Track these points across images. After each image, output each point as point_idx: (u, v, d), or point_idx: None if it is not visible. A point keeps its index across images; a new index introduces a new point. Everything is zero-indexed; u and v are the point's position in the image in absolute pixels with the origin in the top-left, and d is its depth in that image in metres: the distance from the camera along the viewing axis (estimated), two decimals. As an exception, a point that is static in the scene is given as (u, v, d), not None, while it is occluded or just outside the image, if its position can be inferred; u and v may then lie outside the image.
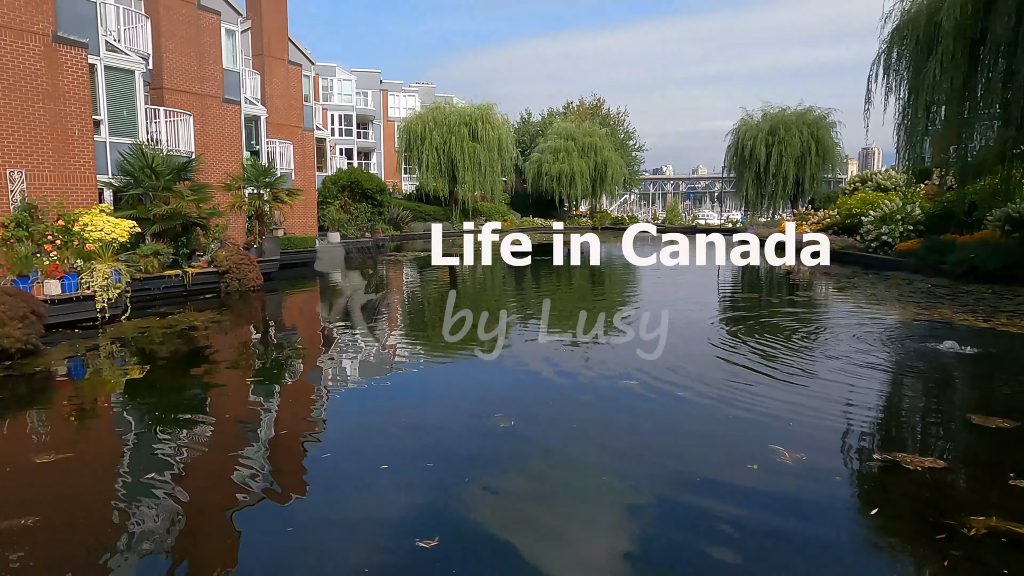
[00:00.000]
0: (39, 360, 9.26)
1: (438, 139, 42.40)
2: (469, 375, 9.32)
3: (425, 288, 19.66)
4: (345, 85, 47.08)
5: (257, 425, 6.97)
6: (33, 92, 13.25)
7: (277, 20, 25.68)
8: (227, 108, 20.87)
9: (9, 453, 6.16)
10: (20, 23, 13.02)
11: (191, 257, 16.23)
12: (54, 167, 13.65)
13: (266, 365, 10.11)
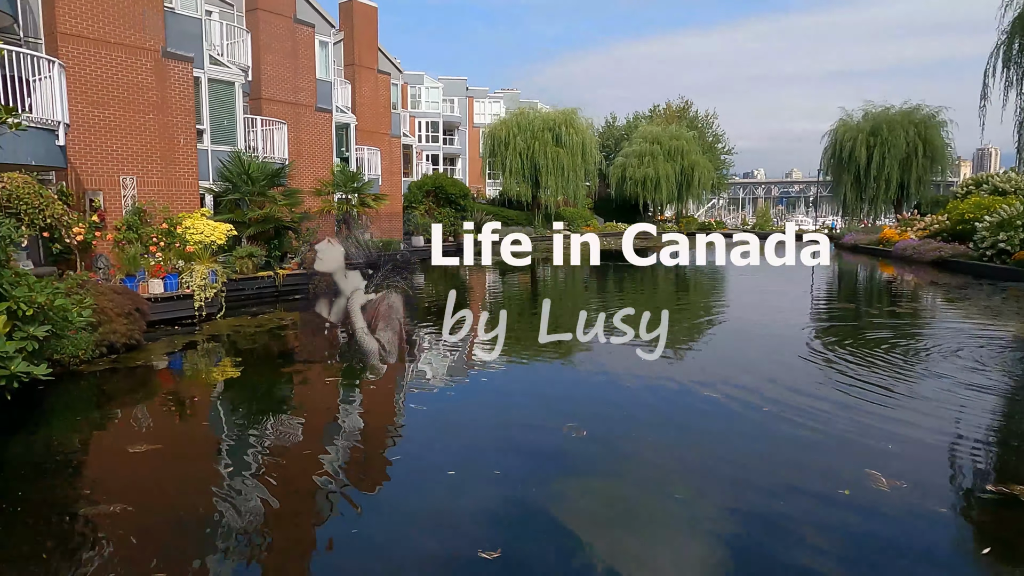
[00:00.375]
0: (141, 354, 9.86)
1: (521, 144, 42.56)
2: (546, 379, 9.21)
3: (506, 291, 19.69)
4: (432, 93, 48.12)
5: (338, 424, 7.14)
6: (144, 104, 14.22)
7: (368, 32, 26.54)
8: (319, 116, 21.72)
9: (106, 443, 6.56)
10: (134, 41, 14.01)
11: (283, 259, 16.95)
12: (161, 174, 14.59)
13: (350, 364, 10.35)
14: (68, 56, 12.88)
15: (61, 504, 4.99)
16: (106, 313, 9.26)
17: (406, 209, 29.38)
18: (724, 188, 70.14)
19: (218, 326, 12.43)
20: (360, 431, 7.00)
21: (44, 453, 6.09)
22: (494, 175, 47.35)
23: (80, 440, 6.61)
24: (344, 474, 5.64)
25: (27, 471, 5.66)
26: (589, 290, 19.86)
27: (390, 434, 6.92)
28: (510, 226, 43.37)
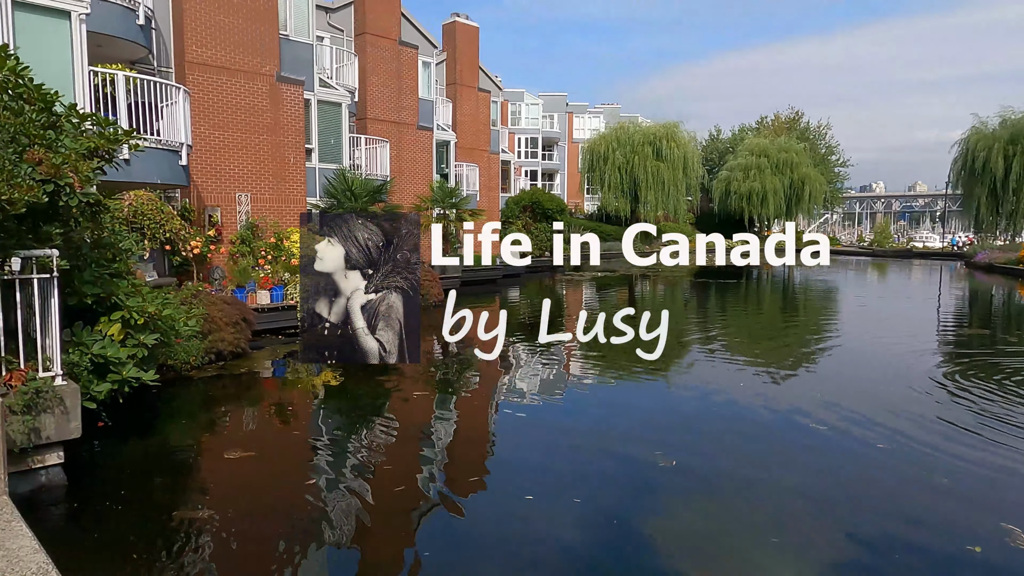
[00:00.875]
0: (246, 362, 10.37)
1: (621, 159, 42.04)
2: (640, 399, 8.87)
3: (604, 307, 19.33)
4: (532, 109, 48.55)
5: (428, 438, 7.18)
6: (259, 126, 15.12)
7: (469, 51, 27.12)
8: (420, 134, 22.34)
9: (205, 447, 6.87)
10: (252, 67, 14.96)
11: (382, 273, 17.46)
12: (273, 191, 15.44)
13: (445, 377, 10.43)
14: (193, 83, 13.91)
15: (157, 505, 5.23)
16: (216, 322, 9.81)
17: (503, 224, 29.64)
18: (838, 202, 66.08)
19: (318, 336, 12.92)
20: (447, 448, 6.96)
21: (148, 455, 6.45)
22: (592, 190, 47.00)
23: (182, 444, 6.96)
24: (425, 495, 5.58)
25: (132, 471, 6.01)
26: (689, 307, 19.11)
27: (477, 451, 6.84)
28: (608, 241, 42.83)
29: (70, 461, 5.31)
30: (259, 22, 15.03)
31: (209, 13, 14.21)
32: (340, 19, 20.85)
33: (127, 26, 12.05)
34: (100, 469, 5.94)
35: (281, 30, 15.82)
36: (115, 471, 5.97)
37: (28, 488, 5.05)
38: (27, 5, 9.82)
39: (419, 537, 4.73)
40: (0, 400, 4.74)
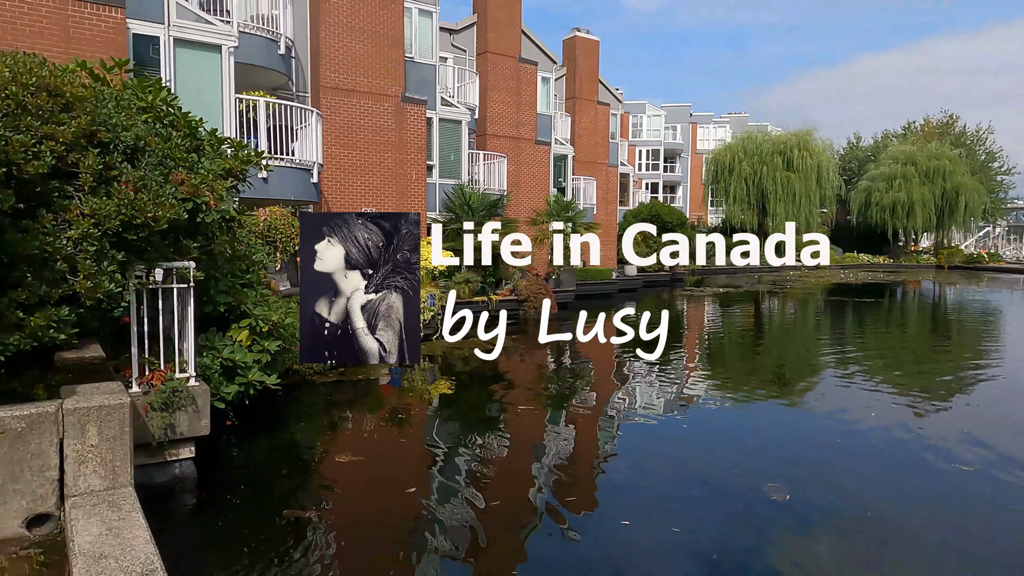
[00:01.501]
0: (365, 369, 10.85)
1: (748, 169, 40.22)
2: (759, 424, 8.35)
3: (727, 325, 18.50)
4: (654, 121, 47.67)
5: (548, 451, 7.18)
6: (384, 144, 15.92)
7: (589, 65, 27.12)
8: (538, 149, 22.58)
9: (319, 449, 7.24)
10: (379, 88, 15.80)
11: (497, 285, 17.75)
12: (395, 206, 16.17)
13: (558, 391, 10.40)
14: (326, 105, 14.90)
15: (270, 502, 5.56)
16: (337, 330, 10.37)
17: (619, 239, 29.24)
18: (1001, 214, 59.34)
19: (433, 346, 13.30)
20: (554, 463, 6.89)
21: (267, 453, 6.90)
22: (717, 202, 45.30)
23: (299, 445, 7.38)
24: (520, 511, 5.54)
25: (252, 468, 6.44)
26: (821, 328, 17.84)
27: (583, 469, 6.72)
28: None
29: (200, 456, 5.77)
30: (387, 47, 15.86)
31: (342, 40, 15.19)
32: (463, 39, 21.57)
33: (270, 56, 13.13)
34: (225, 464, 6.42)
35: (407, 53, 16.61)
36: (238, 467, 6.43)
37: (164, 478, 5.54)
38: (185, 41, 10.94)
39: (513, 552, 4.69)
40: (141, 397, 5.24)
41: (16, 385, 4.35)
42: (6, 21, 9.06)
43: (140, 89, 6.17)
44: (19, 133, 4.47)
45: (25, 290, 4.48)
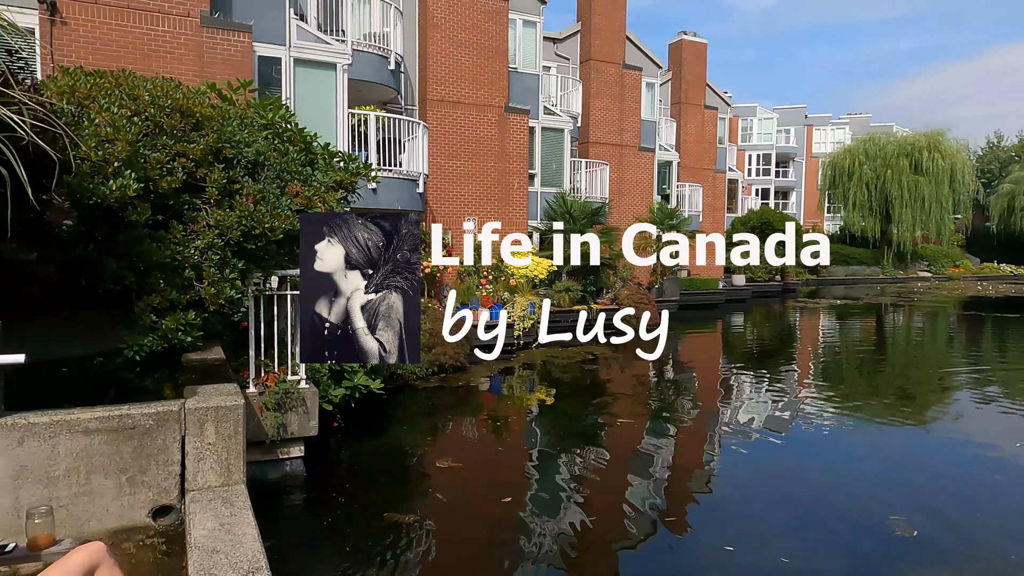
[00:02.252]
0: (465, 376, 11.04)
1: (869, 173, 37.61)
2: (882, 448, 7.73)
3: (844, 339, 17.34)
4: (765, 124, 45.63)
5: (648, 466, 7.01)
6: (487, 154, 16.18)
7: (696, 69, 26.40)
8: (642, 156, 22.19)
9: (420, 453, 7.39)
10: (483, 99, 16.09)
11: (598, 294, 17.55)
12: (497, 215, 16.37)
13: (660, 403, 10.14)
14: (432, 117, 15.34)
15: (372, 503, 5.73)
16: (439, 337, 10.59)
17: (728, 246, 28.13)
18: None
19: (533, 355, 13.33)
20: (654, 479, 6.69)
21: (371, 455, 7.13)
22: (834, 208, 42.66)
23: (401, 448, 7.57)
24: (622, 528, 5.40)
25: (356, 468, 6.68)
26: (955, 345, 16.33)
27: (682, 486, 6.48)
28: (851, 265, 38.52)
29: (308, 455, 6.04)
30: (492, 59, 16.13)
31: (449, 54, 15.60)
32: (566, 48, 21.60)
33: (381, 72, 13.69)
34: (332, 464, 6.69)
35: (510, 64, 16.82)
36: (343, 467, 6.68)
37: (276, 475, 5.84)
38: (304, 61, 11.60)
39: (607, 570, 4.56)
40: (257, 397, 5.56)
41: (149, 383, 4.73)
42: (151, 49, 9.98)
43: (262, 107, 6.58)
44: (156, 151, 4.87)
45: (158, 295, 4.87)
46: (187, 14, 10.16)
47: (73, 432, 3.20)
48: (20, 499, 3.12)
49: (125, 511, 3.32)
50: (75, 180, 4.21)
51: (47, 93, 4.53)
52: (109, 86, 5.12)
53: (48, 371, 4.54)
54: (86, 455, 3.23)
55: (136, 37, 9.84)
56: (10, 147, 3.06)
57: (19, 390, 3.50)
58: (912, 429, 8.44)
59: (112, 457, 3.27)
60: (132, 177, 4.40)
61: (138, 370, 4.86)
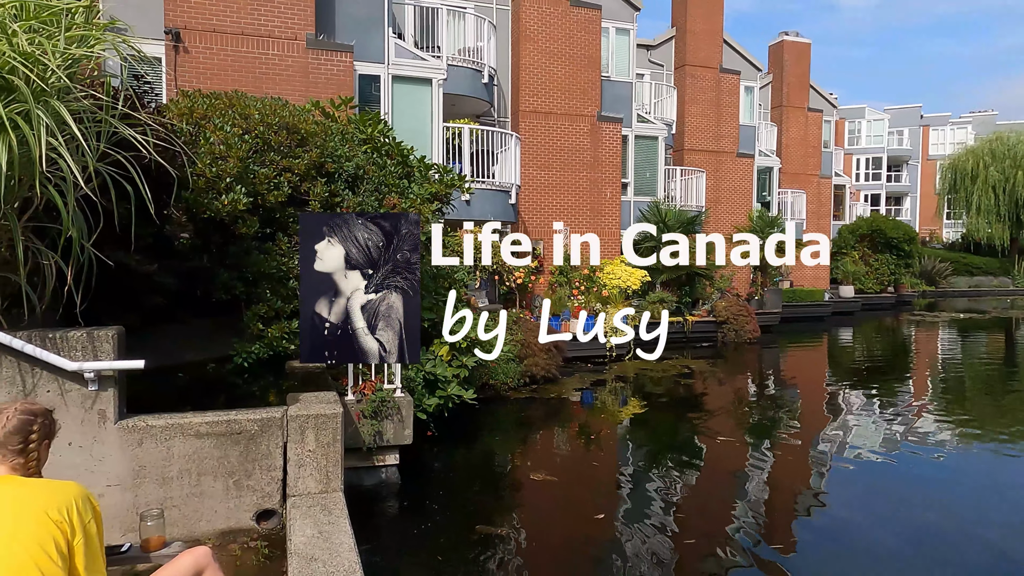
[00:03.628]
0: (556, 387, 10.92)
1: (996, 175, 34.55)
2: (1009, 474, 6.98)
3: (967, 357, 15.91)
4: (875, 126, 42.93)
5: (747, 487, 6.66)
6: (579, 164, 16.06)
7: (798, 70, 25.22)
8: (740, 162, 21.36)
9: (513, 465, 7.34)
10: (575, 109, 16.00)
11: (694, 305, 16.99)
12: (589, 224, 16.20)
13: (761, 421, 9.65)
14: (525, 129, 15.41)
15: (465, 514, 5.71)
16: (531, 348, 10.55)
17: (835, 255, 26.56)
18: None
19: (625, 367, 13.03)
20: (755, 500, 6.32)
21: (464, 465, 7.14)
22: (955, 214, 39.44)
23: (493, 459, 7.55)
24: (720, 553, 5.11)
25: (449, 478, 6.70)
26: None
27: (784, 509, 6.07)
28: (975, 275, 35.47)
29: (403, 463, 6.12)
30: (584, 68, 16.04)
31: (541, 65, 15.64)
32: (660, 55, 21.18)
33: (475, 86, 13.91)
34: (425, 473, 6.75)
35: (603, 72, 16.66)
36: (436, 476, 6.73)
37: (372, 482, 5.95)
38: (401, 78, 11.95)
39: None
40: (355, 405, 5.69)
41: (256, 389, 4.94)
42: (262, 72, 10.59)
43: (361, 123, 6.80)
44: (264, 167, 5.11)
45: (264, 305, 5.09)
46: (294, 38, 10.71)
47: (186, 435, 3.35)
48: (139, 497, 3.30)
49: (232, 513, 3.44)
50: (191, 195, 4.47)
51: (168, 115, 4.85)
52: (223, 106, 5.44)
53: (166, 376, 4.83)
54: (197, 457, 3.38)
55: (249, 61, 10.47)
56: (135, 165, 3.26)
57: (140, 393, 3.72)
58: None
59: (221, 460, 3.41)
60: (242, 192, 4.63)
61: (246, 376, 5.08)
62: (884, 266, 26.42)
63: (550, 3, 15.66)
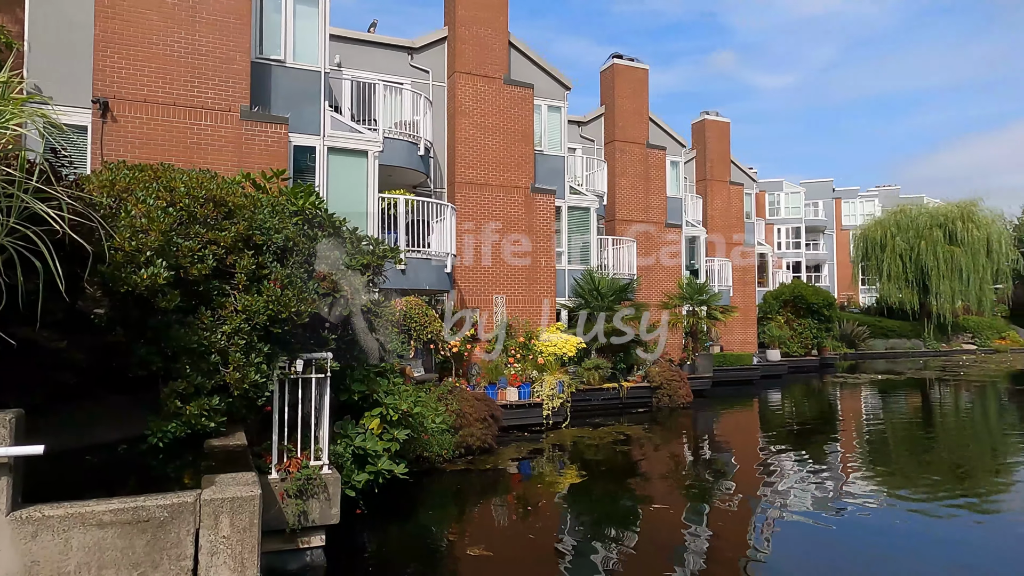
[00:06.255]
0: (492, 457, 10.76)
1: (902, 245, 37.14)
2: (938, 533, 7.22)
3: (889, 416, 16.59)
4: (792, 198, 45.78)
5: (686, 554, 6.63)
6: (515, 233, 16.39)
7: (719, 147, 26.82)
8: (668, 232, 22.27)
9: (448, 541, 7.12)
10: (510, 181, 16.47)
11: (628, 371, 17.24)
12: (525, 293, 16.42)
13: (697, 486, 9.70)
14: (460, 199, 15.70)
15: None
16: (466, 418, 10.43)
17: (760, 320, 27.66)
18: None
19: (562, 435, 13.00)
20: (693, 569, 6.31)
21: (396, 543, 6.88)
22: (868, 280, 41.97)
23: (428, 535, 7.31)
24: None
25: (381, 558, 6.43)
26: (1007, 421, 15.50)
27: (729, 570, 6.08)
28: (890, 338, 37.46)
29: (330, 544, 5.85)
30: (518, 142, 16.62)
31: (476, 138, 16.13)
32: (591, 130, 22.19)
33: (411, 157, 14.17)
34: (356, 553, 6.46)
35: (536, 146, 17.29)
36: (367, 556, 6.45)
37: (296, 565, 5.66)
38: (337, 149, 12.08)
39: None
40: (279, 483, 5.46)
41: (170, 470, 4.69)
42: (194, 143, 10.51)
43: (293, 195, 6.80)
44: (188, 239, 5.02)
45: (184, 380, 4.90)
46: (228, 109, 10.73)
47: (87, 525, 3.14)
48: (30, 596, 3.04)
49: (135, 609, 3.21)
50: (109, 269, 4.34)
51: (88, 187, 4.75)
52: (148, 179, 5.36)
53: (72, 459, 4.54)
54: (99, 549, 3.16)
55: (180, 131, 10.39)
56: (45, 240, 3.17)
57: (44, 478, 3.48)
58: (973, 515, 7.90)
59: (125, 552, 3.20)
60: (163, 265, 4.52)
61: (161, 457, 4.83)
62: (807, 330, 27.63)
63: (484, 81, 16.32)
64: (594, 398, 15.91)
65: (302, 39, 11.92)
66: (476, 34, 16.32)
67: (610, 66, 21.91)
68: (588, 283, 17.09)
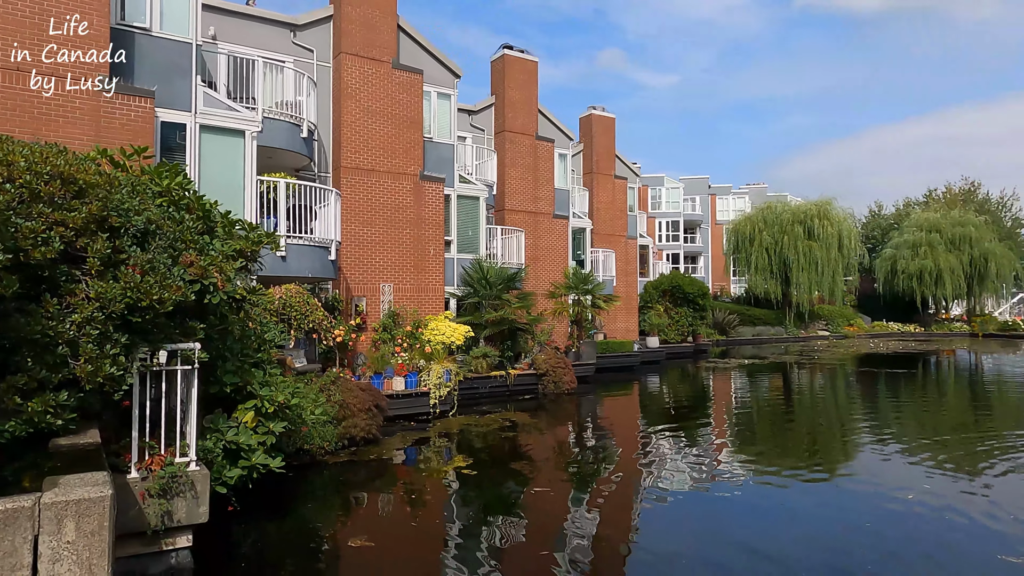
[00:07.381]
0: (377, 448, 10.61)
1: (768, 239, 40.18)
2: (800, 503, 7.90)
3: (755, 397, 17.91)
4: (672, 193, 48.26)
5: (570, 535, 6.83)
6: (403, 221, 16.18)
7: (605, 141, 27.72)
8: (556, 223, 22.80)
9: (328, 534, 6.95)
10: (398, 168, 16.20)
11: (516, 359, 17.52)
12: (413, 281, 16.26)
13: (580, 469, 10.01)
14: (346, 185, 15.26)
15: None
16: (350, 408, 10.20)
17: (641, 309, 28.99)
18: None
19: (449, 423, 13.02)
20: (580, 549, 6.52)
21: (271, 540, 6.63)
22: (739, 272, 45.12)
23: (306, 530, 7.10)
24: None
25: (254, 556, 6.18)
26: (853, 400, 17.19)
27: (606, 555, 6.32)
28: (757, 325, 40.42)
29: (199, 544, 5.55)
30: (406, 128, 16.37)
31: (363, 123, 15.72)
32: (482, 120, 22.23)
33: (293, 140, 13.58)
34: (227, 552, 6.17)
35: (425, 134, 17.10)
36: (240, 556, 6.17)
37: (159, 569, 5.32)
38: (211, 127, 11.37)
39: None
40: (140, 482, 5.10)
41: (8, 473, 4.25)
42: (42, 113, 9.51)
43: (157, 174, 6.33)
44: (30, 220, 4.55)
45: (25, 375, 4.45)
46: (83, 77, 9.80)
47: (-101, 538, 2.79)
48: None
49: (-40, 628, 2.89)
50: (-71, 251, 3.85)
51: (-96, 157, 4.19)
52: (-19, 151, 4.79)
53: None
54: (-86, 564, 2.82)
55: (24, 99, 9.37)
56: None
57: None
58: (827, 485, 8.73)
59: (-53, 565, 2.87)
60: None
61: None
62: (683, 318, 29.25)
63: (372, 63, 15.91)
64: (482, 386, 16.05)
65: (170, 6, 11.08)
66: (364, 14, 15.86)
67: (500, 56, 22.02)
68: (477, 272, 17.17)
